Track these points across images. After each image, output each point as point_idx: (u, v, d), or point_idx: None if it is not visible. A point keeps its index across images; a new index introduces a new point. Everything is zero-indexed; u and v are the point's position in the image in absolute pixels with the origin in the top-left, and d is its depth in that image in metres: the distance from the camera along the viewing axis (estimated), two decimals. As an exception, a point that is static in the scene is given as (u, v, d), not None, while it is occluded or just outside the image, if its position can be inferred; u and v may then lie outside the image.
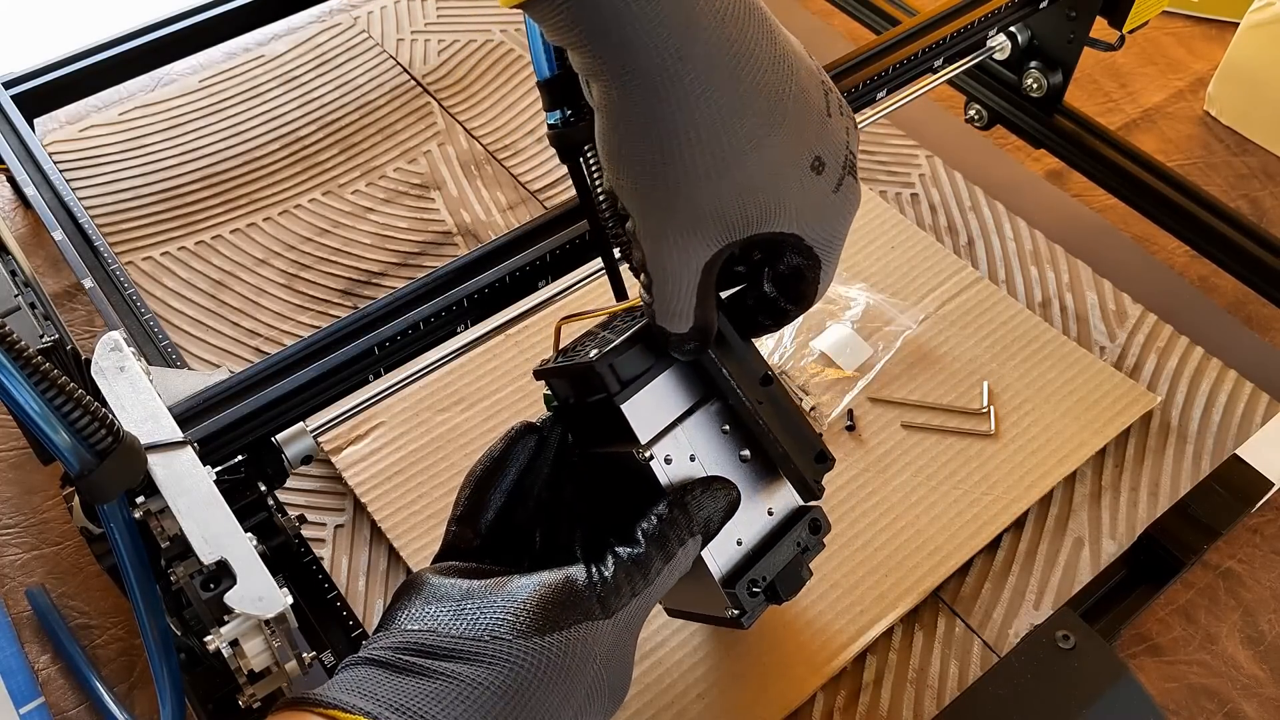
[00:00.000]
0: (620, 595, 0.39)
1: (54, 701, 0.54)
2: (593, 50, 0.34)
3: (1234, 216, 0.68)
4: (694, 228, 0.37)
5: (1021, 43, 0.72)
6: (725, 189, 0.36)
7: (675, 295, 0.39)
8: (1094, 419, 0.63)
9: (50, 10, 0.91)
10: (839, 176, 0.38)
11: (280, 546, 0.47)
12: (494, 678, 0.36)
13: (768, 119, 0.35)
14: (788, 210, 0.37)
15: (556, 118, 0.43)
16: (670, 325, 0.40)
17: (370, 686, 0.36)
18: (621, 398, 0.42)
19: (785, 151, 0.36)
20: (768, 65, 0.35)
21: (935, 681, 0.54)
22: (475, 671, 0.36)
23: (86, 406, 0.35)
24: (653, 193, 0.36)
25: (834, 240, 0.40)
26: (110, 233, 0.73)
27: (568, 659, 0.37)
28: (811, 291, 0.42)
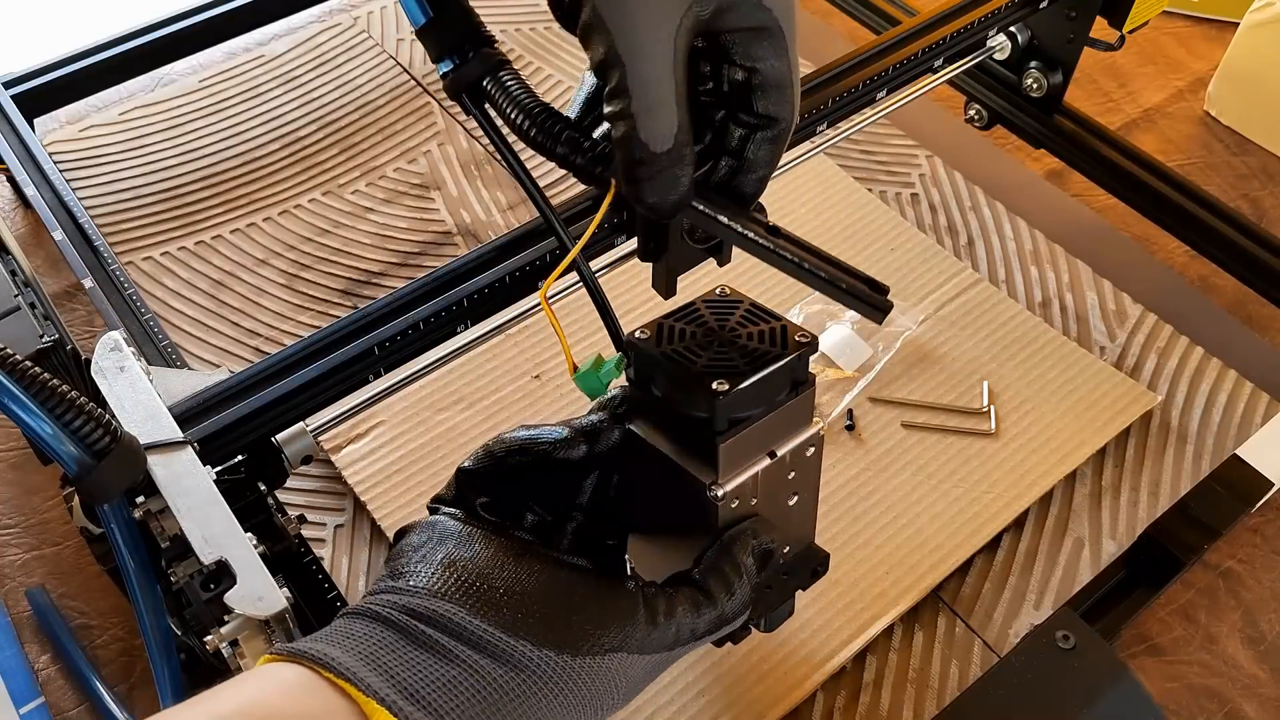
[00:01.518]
0: (666, 633, 0.37)
1: (54, 701, 0.54)
2: None
3: (1234, 216, 0.68)
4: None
5: (1021, 43, 0.72)
6: None
7: (655, 79, 0.35)
8: (1094, 418, 0.63)
9: (50, 10, 0.91)
10: None
11: (280, 547, 0.47)
12: (518, 685, 0.34)
13: None
14: None
15: (448, 65, 0.42)
16: (655, 128, 0.36)
17: (379, 653, 0.33)
18: (724, 438, 0.38)
19: None
20: None
21: (935, 681, 0.54)
22: (498, 671, 0.34)
23: (81, 408, 0.35)
24: None
25: (789, 7, 0.37)
26: (110, 233, 0.73)
27: (598, 684, 0.35)
28: (785, 84, 0.39)
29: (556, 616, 0.35)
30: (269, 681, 0.33)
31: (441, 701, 0.32)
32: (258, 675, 0.33)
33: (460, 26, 0.42)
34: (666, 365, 0.40)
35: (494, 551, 0.37)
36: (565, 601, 0.36)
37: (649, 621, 0.36)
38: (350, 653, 0.33)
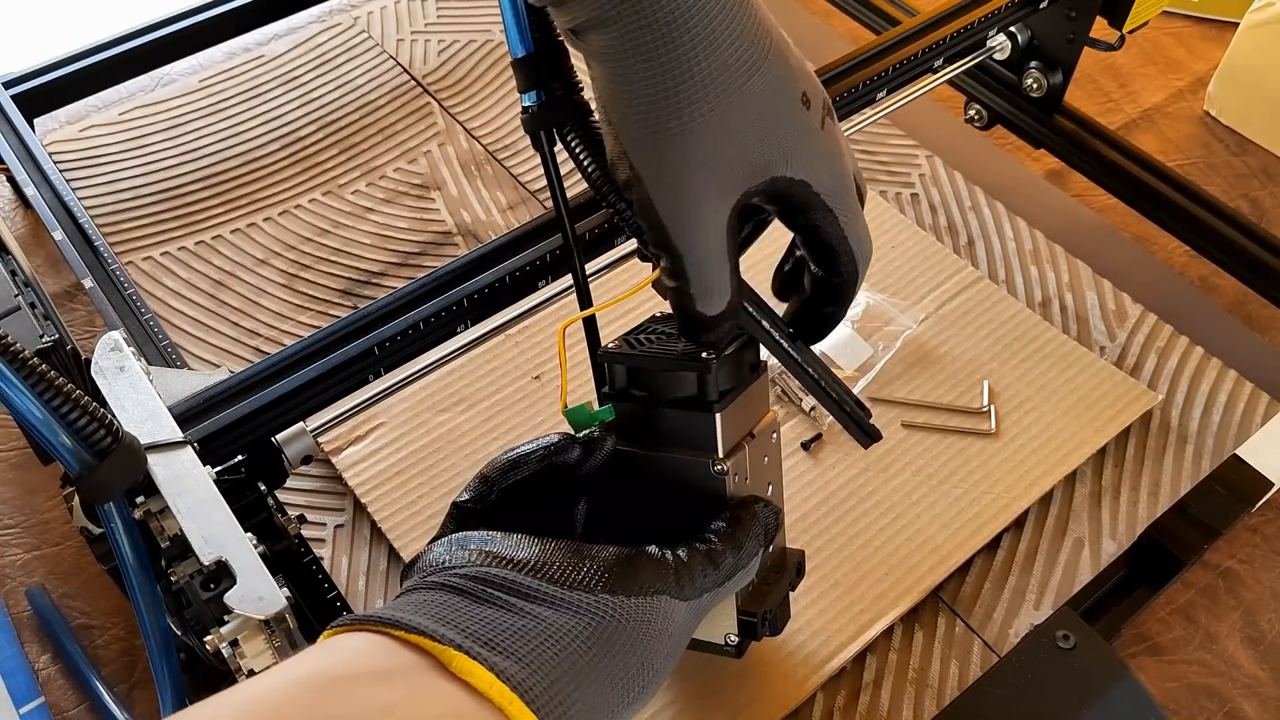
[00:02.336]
0: (694, 582, 0.39)
1: (54, 701, 0.54)
2: (603, 15, 0.35)
3: (1234, 216, 0.68)
4: (710, 172, 0.37)
5: (1021, 43, 0.72)
6: (734, 116, 0.37)
7: (708, 262, 0.38)
8: (1094, 418, 0.63)
9: (50, 10, 0.91)
10: (821, 116, 0.39)
11: (280, 547, 0.47)
12: (580, 626, 0.35)
13: (757, 47, 0.36)
14: (789, 147, 0.38)
15: (533, 99, 0.43)
16: (710, 303, 0.39)
17: (448, 613, 0.34)
18: (720, 406, 0.41)
19: (776, 79, 0.37)
20: (751, 11, 0.37)
21: (935, 681, 0.54)
22: (561, 618, 0.35)
23: (85, 407, 0.35)
24: (667, 135, 0.36)
25: (839, 185, 0.40)
26: (110, 233, 0.73)
27: (649, 624, 0.36)
28: (840, 249, 0.41)
29: (599, 570, 0.37)
30: (339, 649, 0.33)
31: (517, 646, 0.33)
32: (325, 646, 0.34)
33: (557, 66, 0.43)
34: (649, 360, 0.42)
35: (519, 537, 0.38)
36: (600, 560, 0.37)
37: (676, 571, 0.38)
38: (418, 614, 0.34)
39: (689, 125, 0.36)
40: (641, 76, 0.36)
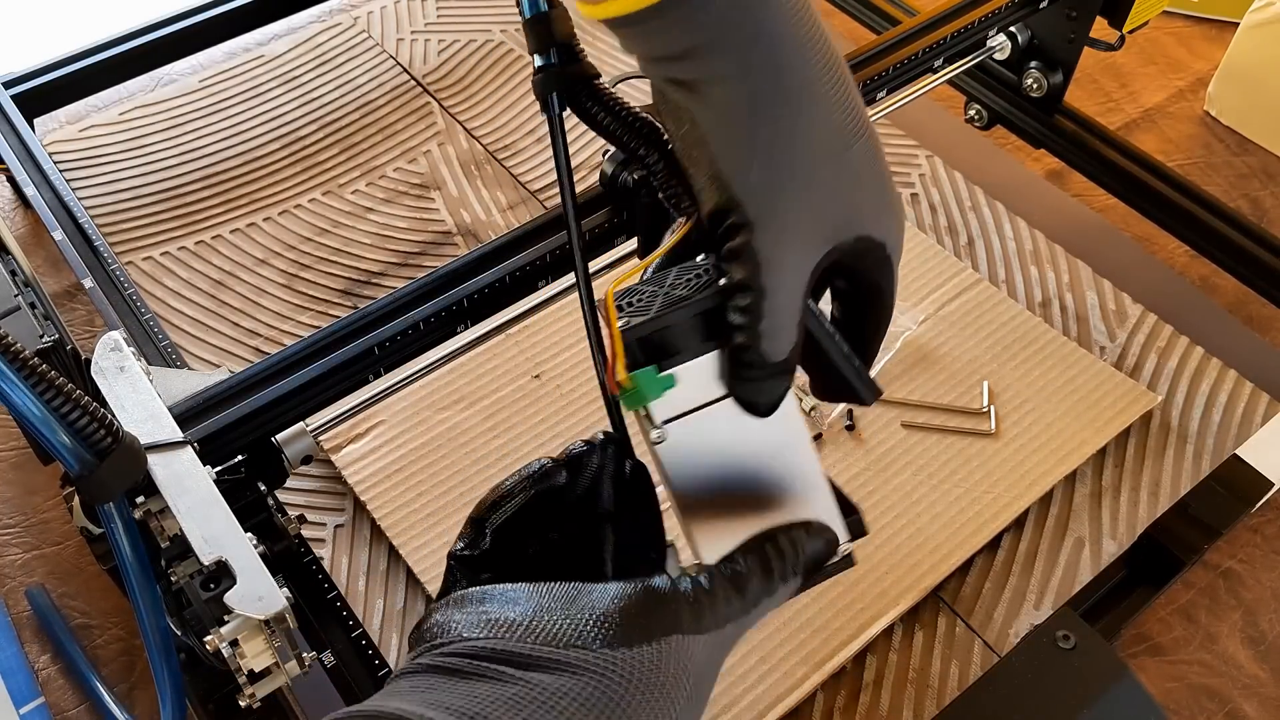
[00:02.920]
0: (715, 612, 0.36)
1: (54, 701, 0.54)
2: (723, 51, 0.35)
3: (1234, 216, 0.68)
4: (817, 223, 0.37)
5: (1021, 43, 0.72)
6: (842, 176, 0.37)
7: (786, 308, 0.38)
8: (1094, 418, 0.63)
9: (50, 10, 0.91)
10: (890, 176, 0.40)
11: (280, 547, 0.47)
12: (581, 688, 0.33)
13: (857, 113, 0.37)
14: (875, 207, 0.39)
15: (545, 60, 0.42)
16: (774, 347, 0.38)
17: (438, 695, 0.33)
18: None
19: (872, 145, 0.38)
20: (843, 65, 0.37)
21: (935, 681, 0.54)
22: (559, 681, 0.33)
23: (85, 407, 0.35)
24: (788, 183, 0.37)
25: (900, 244, 0.40)
26: (110, 233, 0.73)
27: (661, 673, 0.34)
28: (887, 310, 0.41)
29: (605, 619, 0.35)
30: None
31: (509, 717, 0.32)
32: None
33: (569, 26, 0.43)
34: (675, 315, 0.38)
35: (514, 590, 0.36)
36: (596, 607, 0.35)
37: (693, 603, 0.36)
38: (408, 700, 0.33)
39: (814, 176, 0.37)
40: (767, 121, 0.36)
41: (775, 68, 0.35)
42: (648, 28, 0.35)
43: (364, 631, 0.49)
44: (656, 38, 0.35)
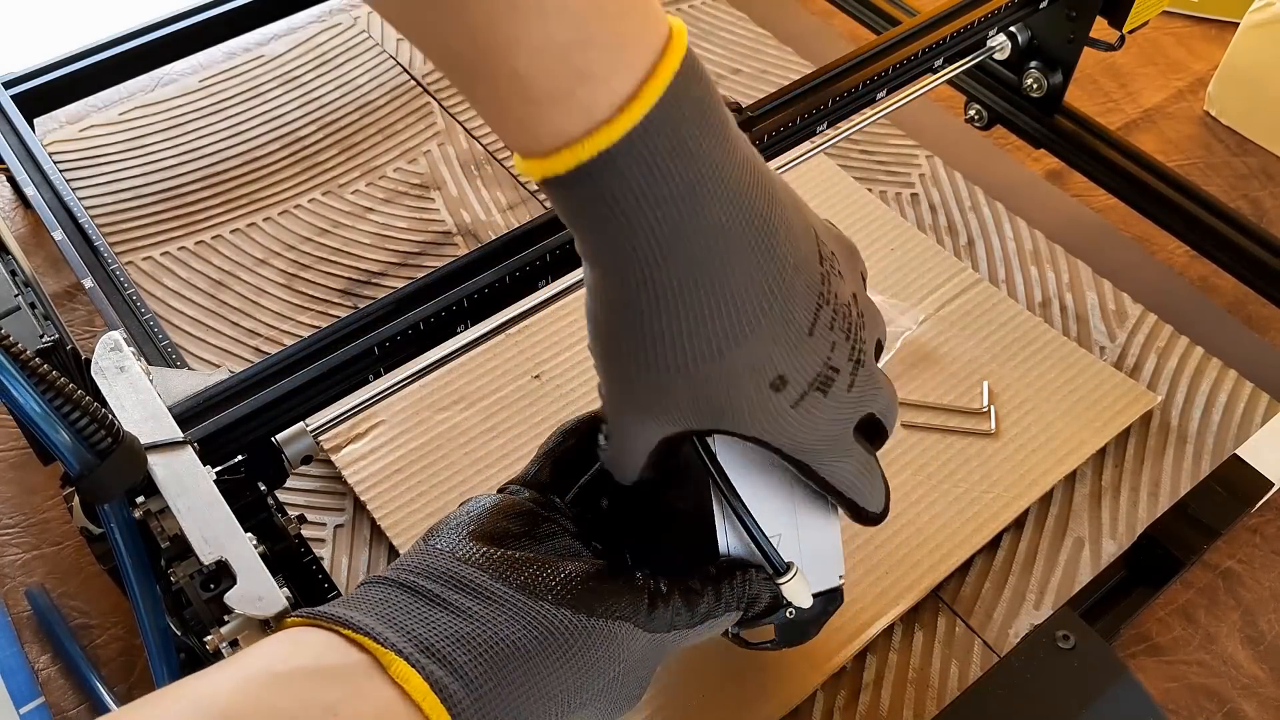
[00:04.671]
0: (666, 617, 0.39)
1: (54, 701, 0.54)
2: (591, 239, 0.34)
3: (1234, 216, 0.68)
4: (651, 410, 0.37)
5: (1021, 43, 0.72)
6: (680, 387, 0.36)
7: (628, 458, 0.40)
8: (1094, 418, 0.63)
9: (50, 10, 0.91)
10: (800, 393, 0.37)
11: (280, 547, 0.47)
12: (521, 635, 0.35)
13: (733, 339, 0.35)
14: (741, 418, 0.37)
15: None
16: (619, 473, 0.41)
17: (399, 615, 0.35)
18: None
19: (743, 369, 0.36)
20: (753, 286, 0.34)
21: (935, 681, 0.54)
22: (512, 627, 0.35)
23: (86, 407, 0.35)
24: (619, 369, 0.37)
25: (807, 447, 0.39)
26: (110, 233, 0.73)
27: (595, 647, 0.36)
28: (826, 485, 0.41)
29: (568, 584, 0.37)
30: (291, 643, 0.34)
31: (455, 654, 0.34)
32: (280, 638, 0.34)
33: None
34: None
35: (520, 525, 0.39)
36: (574, 574, 0.37)
37: (650, 604, 0.39)
38: (369, 614, 0.35)
39: (637, 378, 0.36)
40: (607, 316, 0.36)
41: (632, 280, 0.34)
42: (553, 195, 0.34)
43: (364, 631, 0.49)
44: (557, 205, 0.35)
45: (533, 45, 0.29)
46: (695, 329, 0.34)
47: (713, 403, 0.36)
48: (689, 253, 0.33)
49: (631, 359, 0.36)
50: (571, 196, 0.33)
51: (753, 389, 0.36)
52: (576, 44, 0.30)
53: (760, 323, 0.35)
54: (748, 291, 0.34)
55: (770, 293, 0.35)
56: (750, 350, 0.35)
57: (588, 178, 0.31)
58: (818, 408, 0.38)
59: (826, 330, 0.37)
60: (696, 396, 0.36)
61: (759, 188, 0.34)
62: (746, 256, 0.34)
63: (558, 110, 0.30)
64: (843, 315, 0.38)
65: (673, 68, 0.31)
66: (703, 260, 0.33)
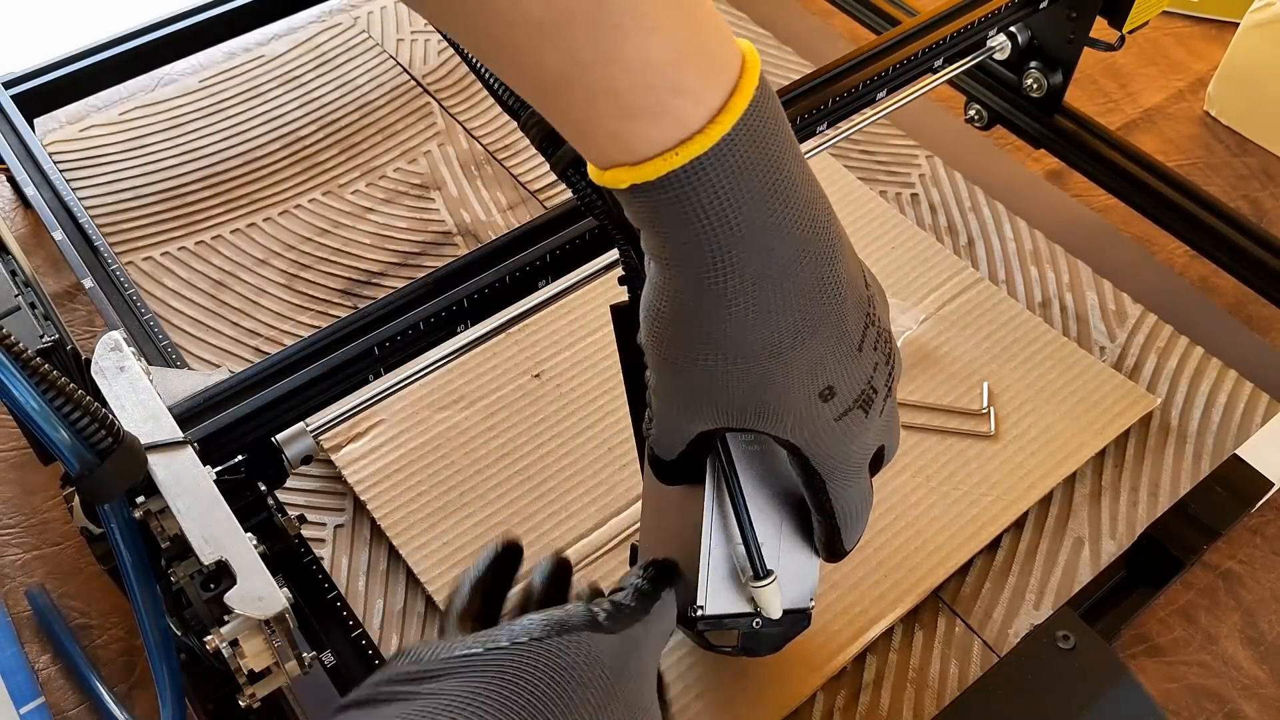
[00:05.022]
0: (619, 617, 0.39)
1: (54, 701, 0.54)
2: (670, 240, 0.35)
3: (1234, 216, 0.68)
4: (699, 403, 0.38)
5: (1021, 43, 0.72)
6: (734, 383, 0.37)
7: (670, 440, 0.41)
8: (1094, 420, 0.63)
9: (50, 10, 0.91)
10: (846, 408, 0.38)
11: (280, 546, 0.47)
12: (489, 688, 0.33)
13: (793, 340, 0.36)
14: (785, 422, 0.38)
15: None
16: (659, 450, 0.42)
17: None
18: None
19: (798, 372, 0.37)
20: (815, 290, 0.36)
21: (935, 681, 0.54)
22: (466, 684, 0.33)
23: (86, 407, 0.35)
24: (672, 363, 0.38)
25: (833, 463, 0.40)
26: (110, 233, 0.73)
27: (568, 661, 0.35)
28: (825, 506, 0.42)
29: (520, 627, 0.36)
30: None
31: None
32: None
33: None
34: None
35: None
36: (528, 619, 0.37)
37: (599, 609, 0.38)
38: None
39: (688, 372, 0.37)
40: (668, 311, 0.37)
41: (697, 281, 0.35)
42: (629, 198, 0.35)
43: (364, 631, 0.49)
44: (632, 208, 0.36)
45: (632, 63, 0.31)
46: (761, 324, 0.36)
47: (763, 401, 0.37)
48: (764, 252, 0.35)
49: (691, 351, 0.37)
50: (656, 201, 0.34)
51: (804, 394, 0.37)
52: (671, 62, 0.32)
53: (819, 328, 0.36)
54: (811, 295, 0.36)
55: (830, 300, 0.36)
56: (808, 353, 0.36)
57: (676, 183, 0.33)
58: (857, 425, 0.39)
59: (872, 350, 0.39)
60: (748, 394, 0.37)
61: (822, 200, 0.36)
62: (812, 261, 0.36)
63: (653, 123, 0.33)
64: (885, 339, 0.39)
65: (754, 83, 0.33)
66: (775, 260, 0.35)
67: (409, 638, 0.56)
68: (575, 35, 0.31)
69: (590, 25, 0.31)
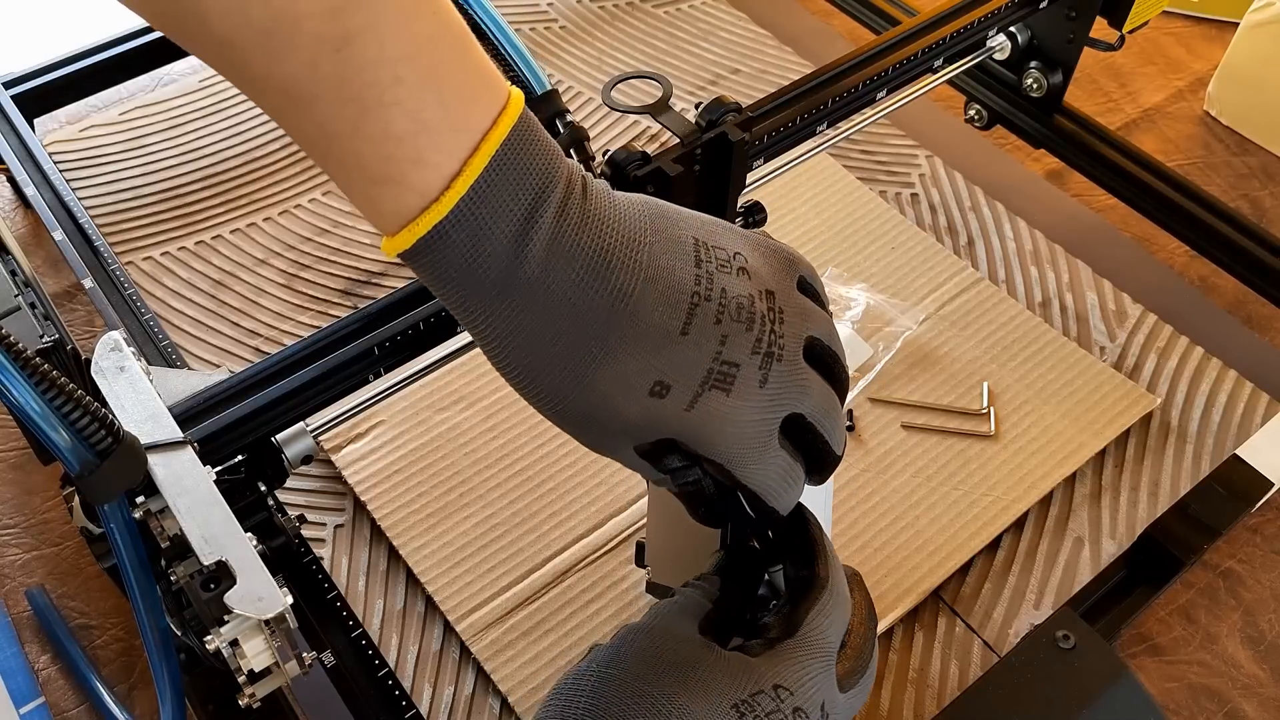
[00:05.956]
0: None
1: (54, 701, 0.54)
2: (448, 303, 0.36)
3: (1234, 216, 0.68)
4: (591, 436, 0.38)
5: (1021, 43, 0.72)
6: (578, 414, 0.37)
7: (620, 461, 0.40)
8: (1093, 420, 0.63)
9: (50, 10, 0.91)
10: (693, 395, 0.37)
11: (280, 546, 0.47)
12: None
13: (584, 356, 0.36)
14: (644, 428, 0.37)
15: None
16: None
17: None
18: None
19: (611, 382, 0.36)
20: (586, 307, 0.36)
21: (935, 681, 0.54)
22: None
23: (86, 407, 0.35)
24: (539, 409, 0.38)
25: (720, 450, 0.38)
26: (110, 233, 0.73)
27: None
28: (742, 487, 0.39)
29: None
30: None
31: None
32: None
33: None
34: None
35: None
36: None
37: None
38: None
39: (546, 408, 0.38)
40: (488, 348, 0.37)
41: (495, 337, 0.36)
42: (410, 266, 0.36)
43: (364, 631, 0.49)
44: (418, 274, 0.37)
45: (374, 135, 0.33)
46: (549, 365, 0.36)
47: (614, 423, 0.37)
48: (516, 301, 0.35)
49: (533, 399, 0.38)
50: (420, 267, 0.35)
51: (635, 402, 0.36)
52: (410, 133, 0.33)
53: (609, 339, 0.36)
54: (584, 317, 0.36)
55: (611, 311, 0.36)
56: (611, 368, 0.36)
57: (428, 249, 0.34)
58: (721, 407, 0.37)
59: (709, 325, 0.37)
60: (595, 421, 0.37)
61: (591, 219, 0.36)
62: (573, 289, 0.35)
63: (398, 192, 0.34)
64: (737, 309, 0.37)
65: (496, 141, 0.34)
66: (529, 304, 0.35)
67: (409, 638, 0.56)
68: (323, 108, 0.32)
69: (335, 99, 0.32)
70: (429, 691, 0.54)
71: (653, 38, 0.86)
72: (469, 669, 0.55)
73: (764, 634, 0.38)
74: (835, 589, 0.39)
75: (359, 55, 0.32)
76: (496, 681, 0.54)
